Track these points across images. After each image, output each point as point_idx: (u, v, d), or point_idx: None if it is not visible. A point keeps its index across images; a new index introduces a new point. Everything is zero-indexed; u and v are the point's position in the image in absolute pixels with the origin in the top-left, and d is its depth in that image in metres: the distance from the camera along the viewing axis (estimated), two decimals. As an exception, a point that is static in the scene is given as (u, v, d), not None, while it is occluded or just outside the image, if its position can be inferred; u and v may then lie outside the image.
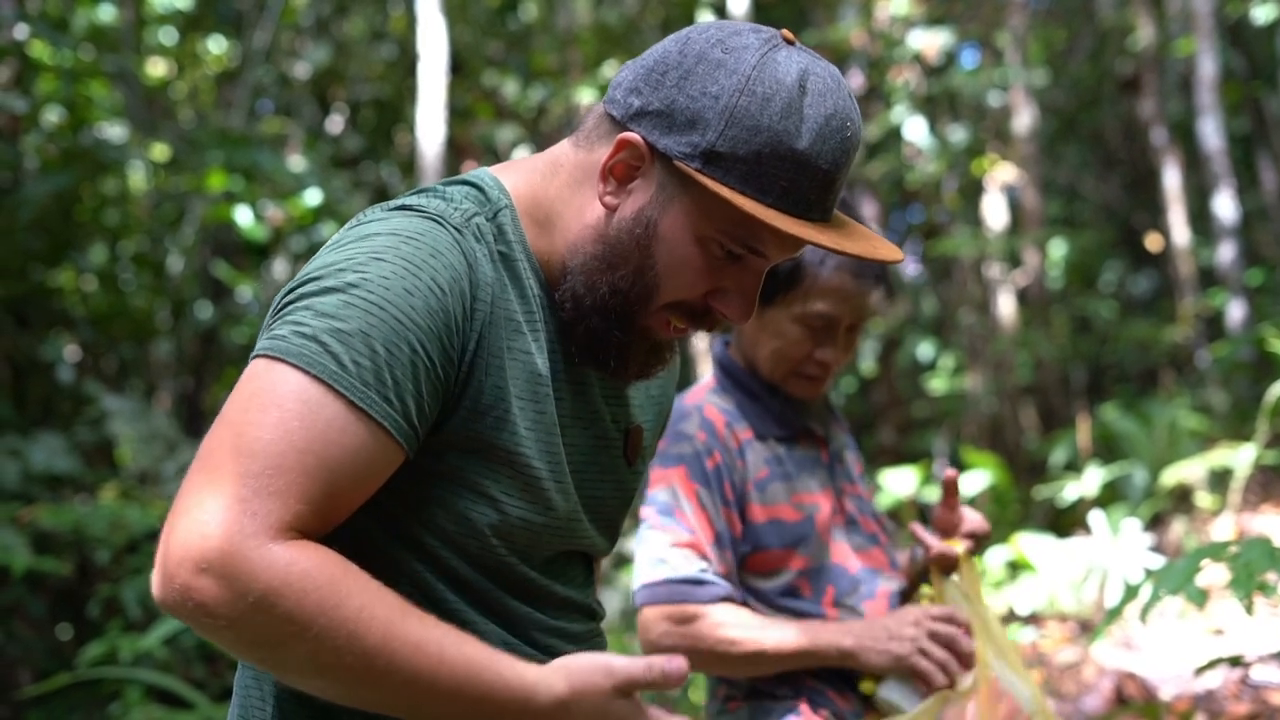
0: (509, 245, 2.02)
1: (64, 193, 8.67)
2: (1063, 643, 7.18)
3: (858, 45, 12.55)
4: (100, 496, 8.05)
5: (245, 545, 1.69)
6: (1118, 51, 14.65)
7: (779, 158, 1.89)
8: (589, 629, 2.19)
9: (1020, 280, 13.31)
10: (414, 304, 1.83)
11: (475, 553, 1.99)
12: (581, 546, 2.16)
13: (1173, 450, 9.26)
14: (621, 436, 2.19)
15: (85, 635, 7.40)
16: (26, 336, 8.74)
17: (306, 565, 1.70)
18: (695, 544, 3.04)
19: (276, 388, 1.77)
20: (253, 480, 1.72)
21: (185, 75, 13.36)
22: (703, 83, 1.92)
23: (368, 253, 1.88)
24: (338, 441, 1.77)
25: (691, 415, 3.16)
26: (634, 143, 1.95)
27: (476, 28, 13.24)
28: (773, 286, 3.15)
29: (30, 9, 9.53)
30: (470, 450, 1.95)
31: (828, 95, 1.93)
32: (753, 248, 1.96)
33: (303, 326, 1.81)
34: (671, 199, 1.95)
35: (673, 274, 1.97)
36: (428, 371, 1.85)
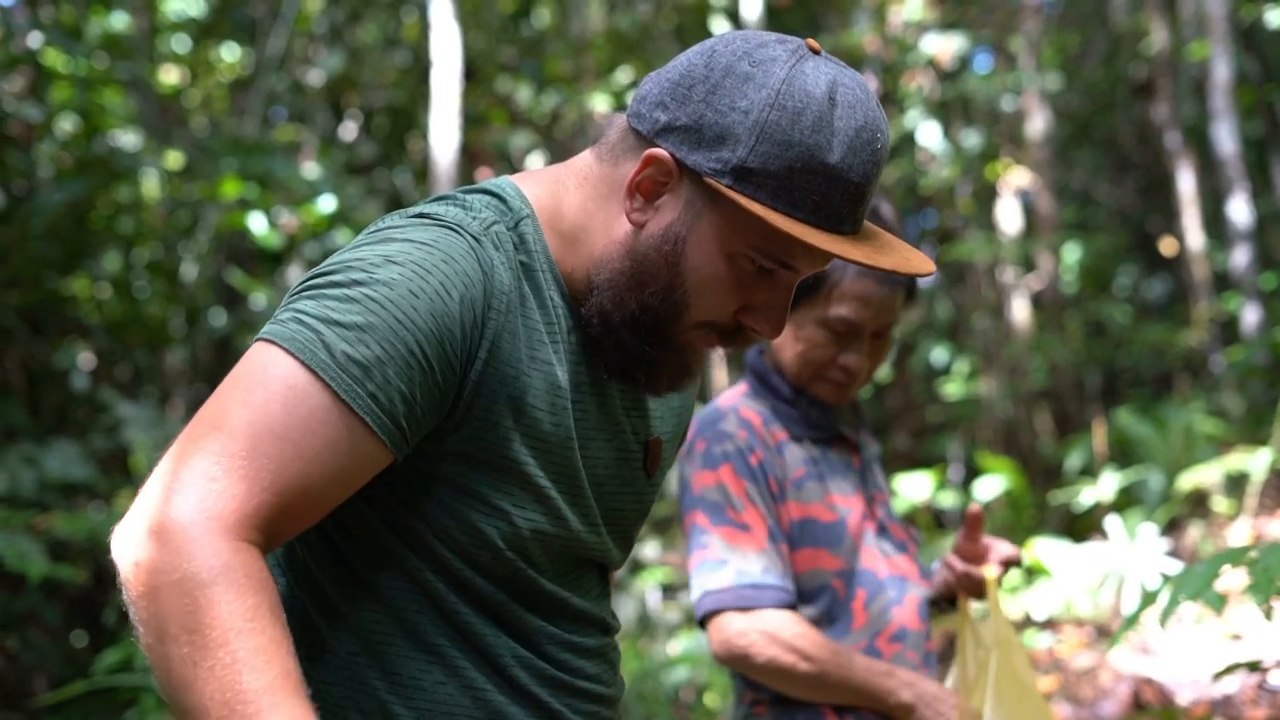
0: (530, 255, 2.00)
1: (78, 200, 8.68)
2: (1080, 648, 7.16)
3: (871, 50, 12.54)
4: (115, 504, 8.06)
5: (196, 523, 1.69)
6: (1131, 56, 14.64)
7: (811, 172, 1.86)
8: (603, 643, 2.17)
9: (1034, 285, 13.29)
10: (417, 305, 1.83)
11: (488, 564, 1.98)
12: (597, 557, 2.15)
13: (1188, 455, 9.24)
14: (641, 448, 2.17)
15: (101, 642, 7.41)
16: (41, 344, 8.76)
17: (239, 576, 1.68)
18: (754, 541, 3.04)
19: (267, 369, 1.78)
20: (226, 460, 1.72)
21: (199, 83, 13.38)
22: (731, 97, 1.89)
23: (381, 255, 1.87)
24: (318, 431, 1.77)
25: (729, 415, 3.15)
26: (661, 159, 1.92)
27: (490, 34, 13.25)
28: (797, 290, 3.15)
29: (44, 17, 9.55)
30: (479, 461, 1.94)
31: (857, 107, 1.90)
32: (784, 262, 1.94)
33: (303, 315, 1.81)
34: (700, 215, 1.93)
35: (702, 291, 1.95)
36: (425, 375, 1.84)
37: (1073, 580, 7.76)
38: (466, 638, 1.97)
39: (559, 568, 2.07)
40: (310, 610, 1.99)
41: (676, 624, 8.20)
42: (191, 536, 1.68)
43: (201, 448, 1.74)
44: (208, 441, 1.74)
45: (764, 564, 3.02)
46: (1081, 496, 9.14)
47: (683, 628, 8.10)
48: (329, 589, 1.98)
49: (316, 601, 1.99)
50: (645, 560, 9.08)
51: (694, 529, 3.10)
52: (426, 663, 1.97)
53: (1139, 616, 3.27)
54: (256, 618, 1.68)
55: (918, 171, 12.67)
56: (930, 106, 12.28)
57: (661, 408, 2.23)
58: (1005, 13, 13.21)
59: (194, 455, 1.73)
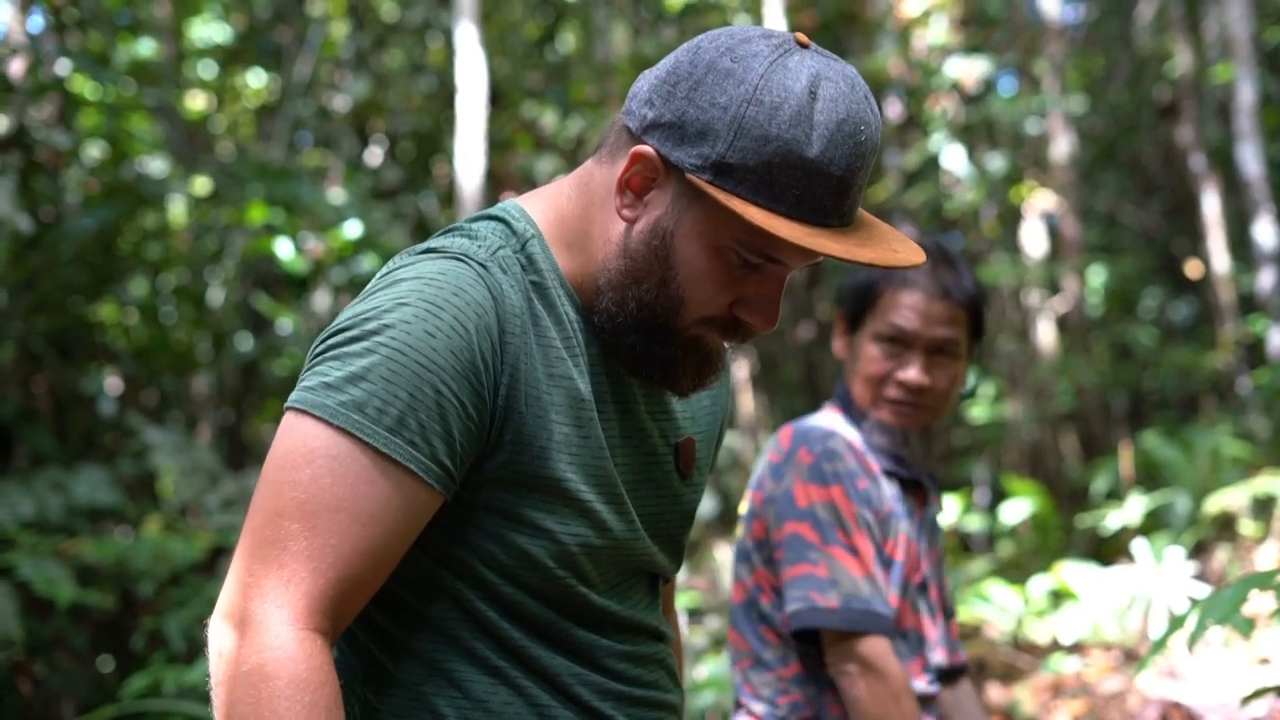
0: (540, 274, 2.03)
1: (106, 226, 8.71)
2: (1107, 672, 7.13)
3: (895, 74, 12.55)
4: (143, 529, 8.09)
5: (267, 616, 1.79)
6: (1155, 78, 14.63)
7: (789, 166, 1.88)
8: (658, 650, 2.19)
9: (1060, 307, 13.27)
10: (435, 345, 1.86)
11: (538, 585, 2.01)
12: (644, 565, 2.17)
13: (1215, 477, 9.21)
14: (671, 451, 2.19)
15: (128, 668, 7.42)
16: (69, 370, 8.79)
17: (302, 670, 1.78)
18: (862, 566, 3.06)
19: (307, 443, 1.84)
20: (290, 543, 1.81)
21: (225, 109, 13.44)
22: (711, 93, 1.91)
23: (392, 299, 1.91)
24: (368, 493, 1.83)
25: (837, 436, 3.17)
26: (647, 155, 1.95)
27: (515, 59, 13.29)
28: (855, 309, 3.21)
29: (72, 45, 9.60)
30: (519, 484, 1.97)
31: (840, 100, 1.91)
32: (770, 256, 1.96)
33: (328, 377, 1.86)
34: (686, 210, 1.95)
35: (694, 286, 1.97)
36: (457, 411, 1.88)
37: (1100, 604, 7.74)
38: (523, 660, 2.02)
39: (609, 580, 2.10)
40: (372, 647, 2.03)
41: (703, 648, 8.19)
42: (261, 630, 1.78)
43: (264, 537, 1.82)
44: (268, 529, 1.82)
45: (871, 590, 3.05)
46: (1108, 520, 9.11)
47: (709, 652, 8.08)
48: (387, 624, 2.03)
49: (376, 637, 2.05)
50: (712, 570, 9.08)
51: (798, 540, 3.09)
52: (492, 684, 2.01)
53: (1166, 640, 3.26)
54: (313, 715, 1.76)
55: (942, 195, 12.67)
56: (954, 130, 12.28)
57: (690, 408, 2.25)
58: (1029, 36, 13.21)
59: (258, 546, 1.83)
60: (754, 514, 3.26)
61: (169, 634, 6.55)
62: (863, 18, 13.30)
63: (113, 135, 9.75)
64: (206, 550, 7.14)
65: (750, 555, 3.27)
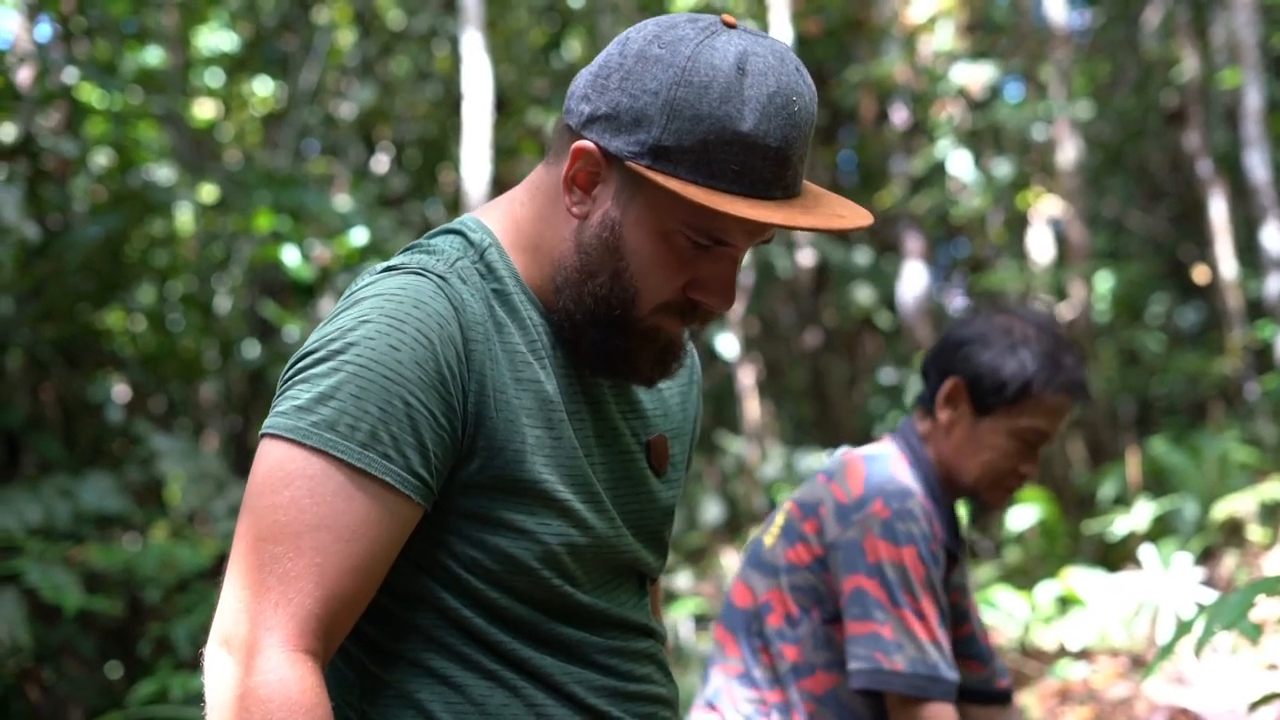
0: (500, 281, 2.05)
1: (113, 234, 8.73)
2: (1114, 678, 7.13)
3: (901, 80, 12.55)
4: (150, 536, 8.10)
5: (257, 640, 1.81)
6: (1162, 84, 14.61)
7: (725, 143, 1.90)
8: (647, 646, 2.20)
9: (1067, 313, 13.25)
10: (400, 358, 1.88)
11: (524, 588, 2.02)
12: (629, 563, 2.18)
13: (1223, 483, 9.19)
14: (643, 449, 2.20)
15: (136, 674, 7.43)
16: (76, 377, 8.80)
17: (293, 693, 1.80)
18: (928, 630, 3.09)
19: (284, 467, 1.86)
20: (275, 566, 1.83)
21: (232, 116, 13.46)
22: (642, 80, 1.93)
23: (355, 318, 1.93)
24: (348, 509, 1.85)
25: (912, 497, 3.18)
26: (588, 150, 1.98)
27: (521, 66, 13.30)
28: (995, 399, 3.22)
29: (79, 53, 9.62)
30: (496, 489, 1.98)
31: (769, 73, 1.92)
32: (716, 237, 1.97)
33: (298, 400, 1.89)
34: (630, 199, 1.98)
35: (645, 274, 1.99)
36: (428, 421, 1.90)
37: (1107, 610, 7.73)
38: (515, 662, 2.03)
39: (595, 580, 2.11)
40: (364, 660, 2.04)
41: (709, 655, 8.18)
42: (253, 655, 1.81)
43: (250, 563, 1.85)
44: (253, 555, 1.85)
45: (937, 655, 3.08)
46: (1115, 526, 9.10)
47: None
48: (377, 636, 2.04)
49: (368, 650, 2.05)
50: (678, 591, 9.07)
51: (864, 596, 3.11)
52: (488, 687, 2.01)
53: (1174, 646, 3.26)
54: None
55: (948, 201, 12.66)
56: (961, 136, 12.27)
57: (661, 405, 2.26)
58: (1035, 42, 13.20)
59: (245, 571, 1.85)
60: (798, 535, 3.27)
61: (176, 640, 6.56)
62: (868, 24, 13.31)
63: (120, 143, 9.77)
64: (213, 557, 7.14)
65: (777, 572, 3.27)
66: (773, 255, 12.15)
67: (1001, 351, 3.23)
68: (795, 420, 15.40)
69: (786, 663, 3.22)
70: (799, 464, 10.58)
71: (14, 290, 8.50)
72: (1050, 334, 3.28)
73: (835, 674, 3.19)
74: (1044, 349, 3.24)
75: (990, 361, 3.24)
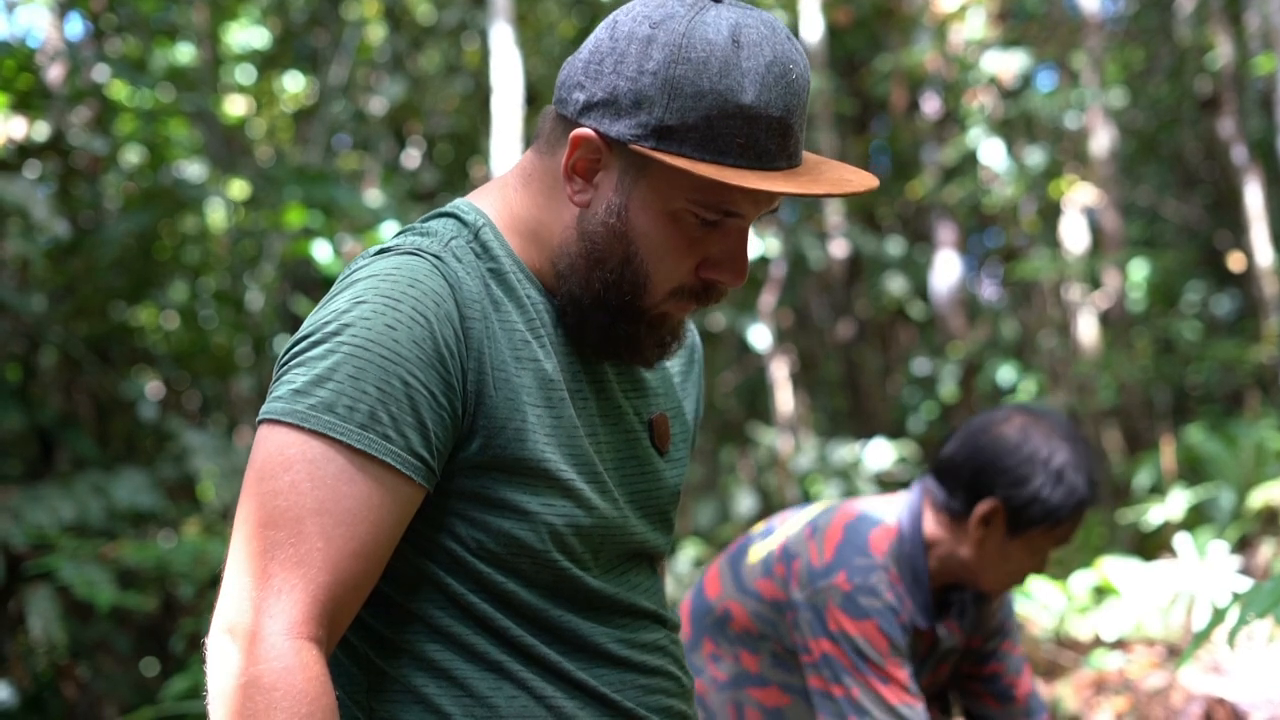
0: (496, 260, 2.03)
1: (144, 231, 8.76)
2: (1150, 668, 7.09)
3: (933, 69, 12.50)
4: (183, 532, 8.12)
5: (260, 627, 1.79)
6: (1196, 70, 14.52)
7: (728, 116, 1.89)
8: (661, 635, 2.18)
9: (1101, 302, 13.20)
10: (398, 337, 1.87)
11: (529, 571, 2.00)
12: (637, 544, 2.15)
13: (1259, 471, 9.13)
14: (646, 428, 2.18)
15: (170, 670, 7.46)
16: (109, 374, 8.83)
17: (298, 681, 1.78)
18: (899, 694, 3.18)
19: (283, 451, 1.84)
20: (276, 553, 1.81)
21: (263, 113, 13.48)
22: (638, 61, 1.93)
23: (350, 299, 1.92)
24: (349, 492, 1.83)
25: (878, 570, 3.26)
26: (587, 137, 1.97)
27: (550, 59, 13.28)
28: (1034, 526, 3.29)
29: (110, 51, 9.65)
30: (498, 468, 1.96)
31: (763, 44, 1.92)
32: (726, 210, 1.96)
33: (295, 384, 1.87)
34: (636, 182, 1.97)
35: (657, 256, 1.98)
36: (427, 401, 1.88)
37: (1143, 600, 7.68)
38: (522, 651, 2.01)
39: (604, 564, 2.09)
40: (370, 654, 2.02)
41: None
42: (256, 641, 1.79)
43: (251, 549, 1.82)
44: (255, 541, 1.82)
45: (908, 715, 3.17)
46: (1151, 515, 9.05)
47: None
48: (382, 629, 2.01)
49: (374, 644, 2.02)
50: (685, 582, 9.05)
51: (833, 660, 3.20)
52: (495, 679, 1.99)
53: (1209, 635, 3.23)
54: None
55: (981, 191, 12.61)
56: (993, 125, 12.21)
57: (662, 384, 2.24)
58: (1067, 29, 13.14)
59: (247, 558, 1.82)
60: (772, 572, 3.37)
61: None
62: (899, 13, 13.26)
63: (151, 140, 9.79)
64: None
65: (746, 591, 3.38)
66: (805, 247, 12.11)
67: (1046, 482, 3.27)
68: (829, 412, 15.37)
69: (743, 667, 3.32)
70: (832, 455, 10.56)
71: (47, 288, 8.54)
72: (1081, 449, 3.34)
73: (790, 697, 3.29)
74: (1083, 475, 3.31)
75: (1035, 492, 3.28)
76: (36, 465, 8.19)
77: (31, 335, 8.24)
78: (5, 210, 7.63)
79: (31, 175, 8.45)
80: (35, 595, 6.76)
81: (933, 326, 14.35)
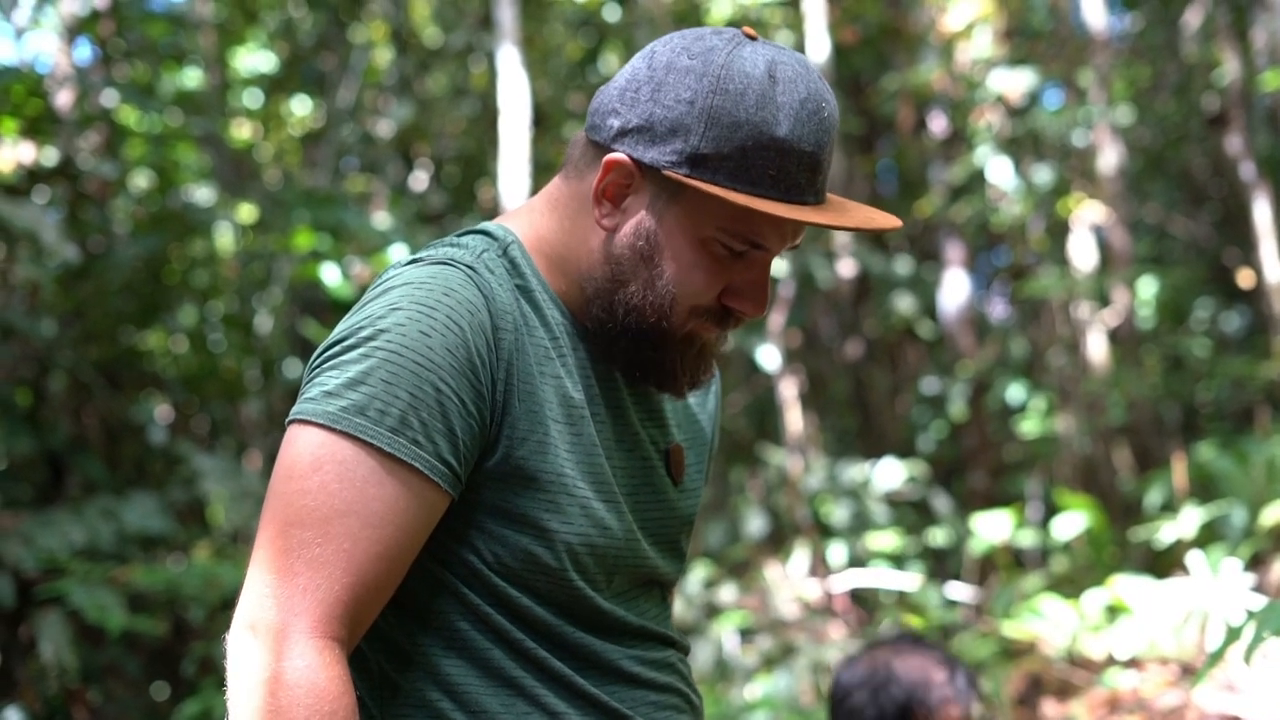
0: (523, 277, 2.06)
1: (153, 255, 8.77)
2: (1164, 687, 7.07)
3: (939, 88, 12.50)
4: (193, 555, 8.11)
5: (284, 625, 1.80)
6: (1203, 87, 14.52)
7: (763, 148, 1.93)
8: (668, 654, 2.19)
9: (1110, 320, 13.18)
10: (431, 344, 1.89)
11: (544, 589, 2.01)
12: (648, 570, 2.16)
13: (1271, 489, 9.10)
14: (662, 457, 2.20)
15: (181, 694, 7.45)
16: (119, 398, 8.84)
17: (320, 680, 1.79)
18: None
19: (313, 451, 1.86)
20: (303, 551, 1.83)
21: (271, 136, 13.52)
22: (676, 90, 1.96)
23: (385, 305, 1.94)
24: (377, 495, 1.85)
25: None
26: (621, 162, 1.99)
27: (557, 81, 13.31)
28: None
29: (118, 76, 9.67)
30: (519, 480, 1.97)
31: (798, 80, 1.96)
32: (753, 242, 1.99)
33: (327, 386, 1.89)
34: (667, 208, 1.99)
35: (682, 281, 2.00)
36: (458, 409, 1.90)
37: (1156, 618, 7.66)
38: (537, 664, 2.01)
39: (616, 587, 2.10)
40: (383, 664, 2.02)
41: (754, 667, 8.15)
42: (279, 639, 1.80)
43: (277, 548, 1.84)
44: (281, 540, 1.84)
45: None
46: (1162, 533, 9.03)
47: (761, 671, 8.05)
48: (399, 639, 2.02)
49: (389, 654, 2.03)
50: (722, 604, 9.04)
51: None
52: (509, 696, 1.99)
53: (1223, 653, 3.22)
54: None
55: (989, 209, 12.60)
56: (1000, 143, 12.21)
57: (678, 415, 2.26)
58: (1074, 47, 13.13)
59: (272, 555, 1.84)
60: None
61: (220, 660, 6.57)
62: (906, 32, 13.27)
63: (159, 165, 9.82)
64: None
65: None
66: (813, 266, 12.10)
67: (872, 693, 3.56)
68: (838, 431, 15.34)
69: None
70: (842, 475, 10.54)
71: (56, 312, 8.54)
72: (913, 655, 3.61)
73: None
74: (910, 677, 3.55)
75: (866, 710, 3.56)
76: (47, 490, 8.19)
77: (41, 360, 8.25)
78: (15, 235, 7.64)
79: (41, 200, 8.46)
80: (46, 620, 6.76)
81: (941, 345, 14.33)
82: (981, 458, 13.49)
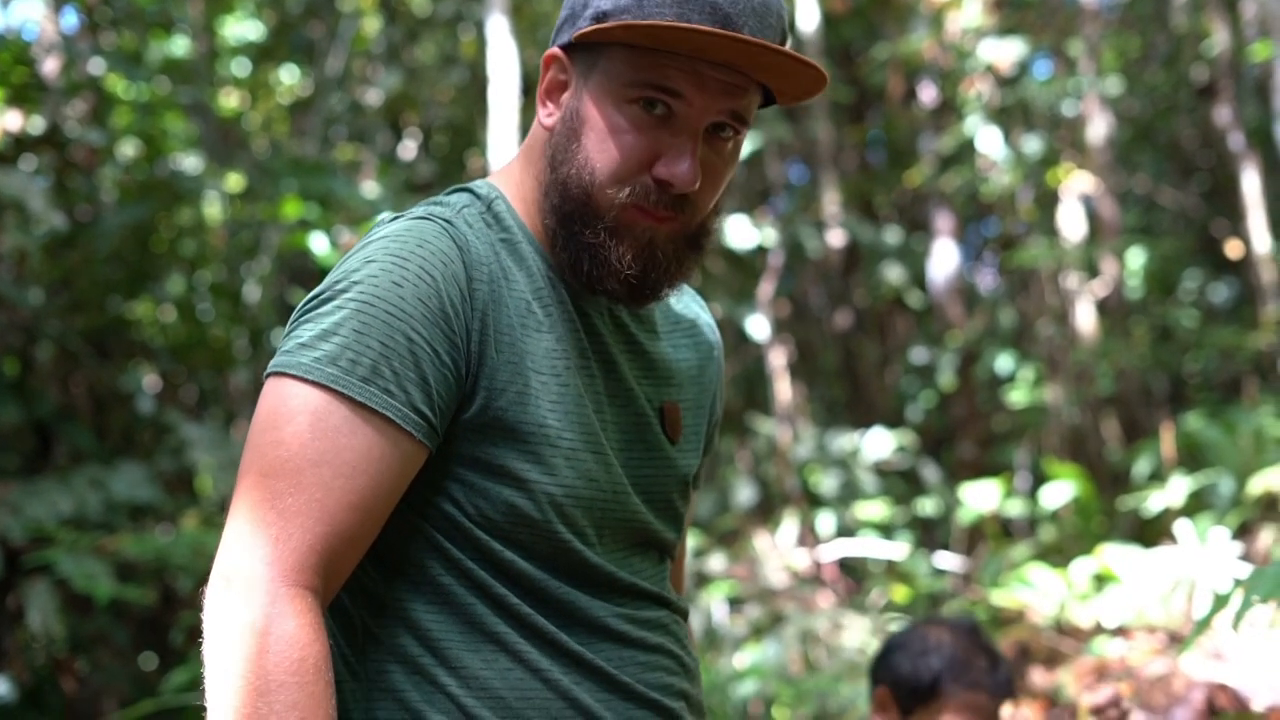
0: (507, 230, 2.06)
1: (141, 224, 8.75)
2: (1151, 655, 7.09)
3: (929, 58, 12.48)
4: (181, 525, 8.11)
5: (258, 573, 1.80)
6: (1193, 58, 14.51)
7: None
8: (663, 614, 2.16)
9: (1099, 290, 13.19)
10: (403, 294, 1.90)
11: (529, 542, 2.00)
12: (639, 525, 2.14)
13: (1259, 458, 9.12)
14: (656, 414, 2.18)
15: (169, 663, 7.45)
16: (107, 368, 8.83)
17: (291, 627, 1.79)
18: None
19: (287, 403, 1.87)
20: (276, 502, 1.83)
21: (259, 105, 13.47)
22: None
23: (361, 259, 1.95)
24: (349, 445, 1.85)
25: None
26: (552, 55, 2.04)
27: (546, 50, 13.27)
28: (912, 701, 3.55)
29: (105, 44, 9.63)
30: (499, 432, 1.97)
31: None
32: (666, 88, 1.96)
33: (302, 338, 1.90)
34: (586, 81, 2.01)
35: (603, 148, 1.99)
36: (430, 358, 1.90)
37: (1143, 586, 7.68)
38: (521, 620, 2.00)
39: (608, 544, 2.08)
40: (366, 619, 2.02)
41: (743, 636, 8.16)
42: (251, 587, 1.80)
43: (252, 498, 1.84)
44: (256, 490, 1.84)
45: None
46: (1150, 502, 9.05)
47: (750, 640, 8.06)
48: (380, 592, 2.01)
49: (370, 608, 2.02)
50: (711, 573, 9.05)
51: None
52: (491, 651, 1.98)
53: (1210, 621, 3.23)
54: (301, 671, 1.78)
55: (978, 179, 12.59)
56: (990, 113, 12.19)
57: (675, 373, 2.23)
58: (1064, 17, 13.11)
59: (247, 507, 1.84)
60: None
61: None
62: (895, 1, 13.24)
63: (147, 133, 9.79)
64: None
65: None
66: (802, 236, 12.10)
67: (913, 656, 3.58)
68: (827, 401, 15.35)
69: None
70: (831, 445, 10.56)
71: (44, 281, 8.53)
72: (965, 637, 3.63)
73: None
74: (952, 652, 3.57)
75: (912, 673, 3.58)
76: (34, 459, 8.19)
77: (29, 329, 8.24)
78: (2, 203, 7.62)
79: (28, 168, 8.44)
80: (34, 589, 6.76)
81: (930, 315, 14.33)
82: (970, 427, 13.52)
